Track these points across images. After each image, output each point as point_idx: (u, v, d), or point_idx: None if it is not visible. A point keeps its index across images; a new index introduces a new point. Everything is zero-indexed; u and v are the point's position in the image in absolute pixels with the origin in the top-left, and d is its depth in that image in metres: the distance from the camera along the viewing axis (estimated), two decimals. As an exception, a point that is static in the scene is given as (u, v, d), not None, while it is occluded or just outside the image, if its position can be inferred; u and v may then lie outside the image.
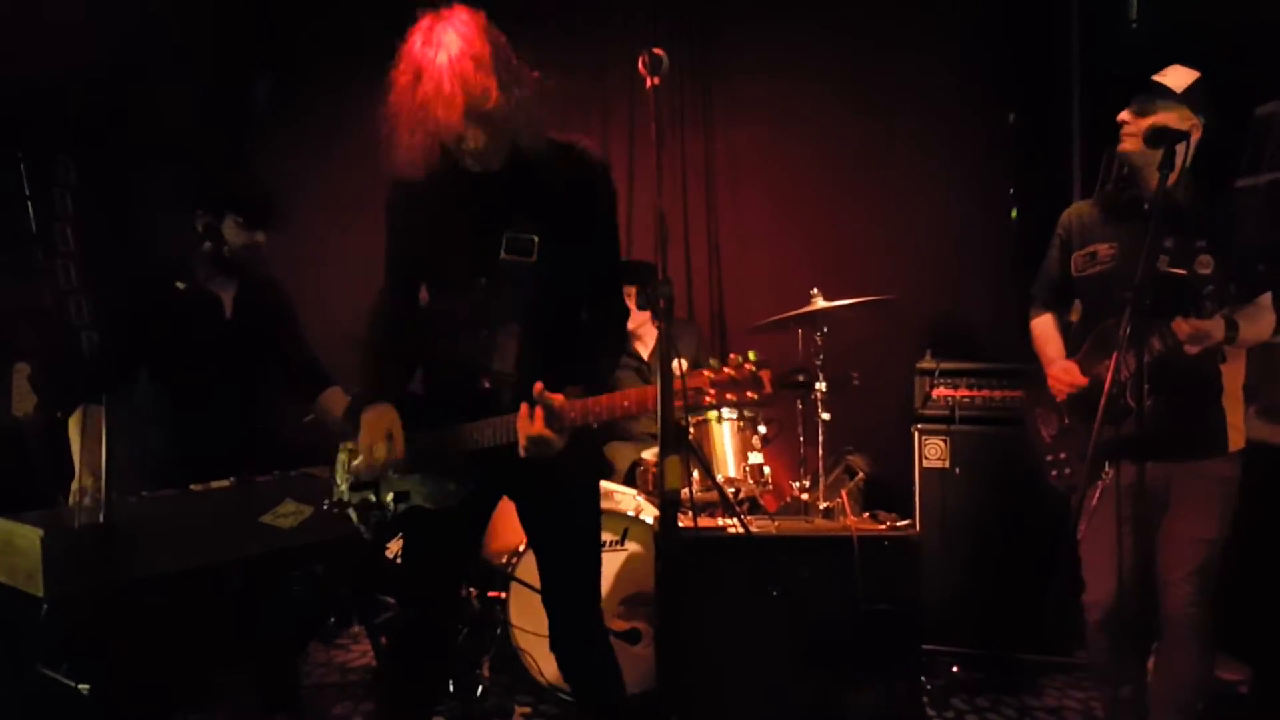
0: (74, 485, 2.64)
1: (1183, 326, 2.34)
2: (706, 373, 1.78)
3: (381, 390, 2.14)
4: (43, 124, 3.95)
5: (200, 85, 4.56)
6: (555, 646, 2.23)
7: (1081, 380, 2.62)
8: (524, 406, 1.88)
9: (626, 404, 1.86)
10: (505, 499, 2.26)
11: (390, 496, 2.14)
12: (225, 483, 2.60)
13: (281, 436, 3.06)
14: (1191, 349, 2.37)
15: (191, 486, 2.56)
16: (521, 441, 1.89)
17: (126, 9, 3.78)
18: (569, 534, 2.20)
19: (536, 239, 2.00)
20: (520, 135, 1.95)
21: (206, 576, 2.46)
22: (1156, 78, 2.51)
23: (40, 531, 2.13)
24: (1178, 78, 2.49)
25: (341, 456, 2.24)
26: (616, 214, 2.14)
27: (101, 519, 2.16)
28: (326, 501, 2.25)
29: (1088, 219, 2.75)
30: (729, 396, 1.77)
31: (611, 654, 2.26)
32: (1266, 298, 2.45)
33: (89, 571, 2.14)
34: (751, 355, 1.77)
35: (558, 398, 1.88)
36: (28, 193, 3.91)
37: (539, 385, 1.86)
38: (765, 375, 1.77)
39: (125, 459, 2.53)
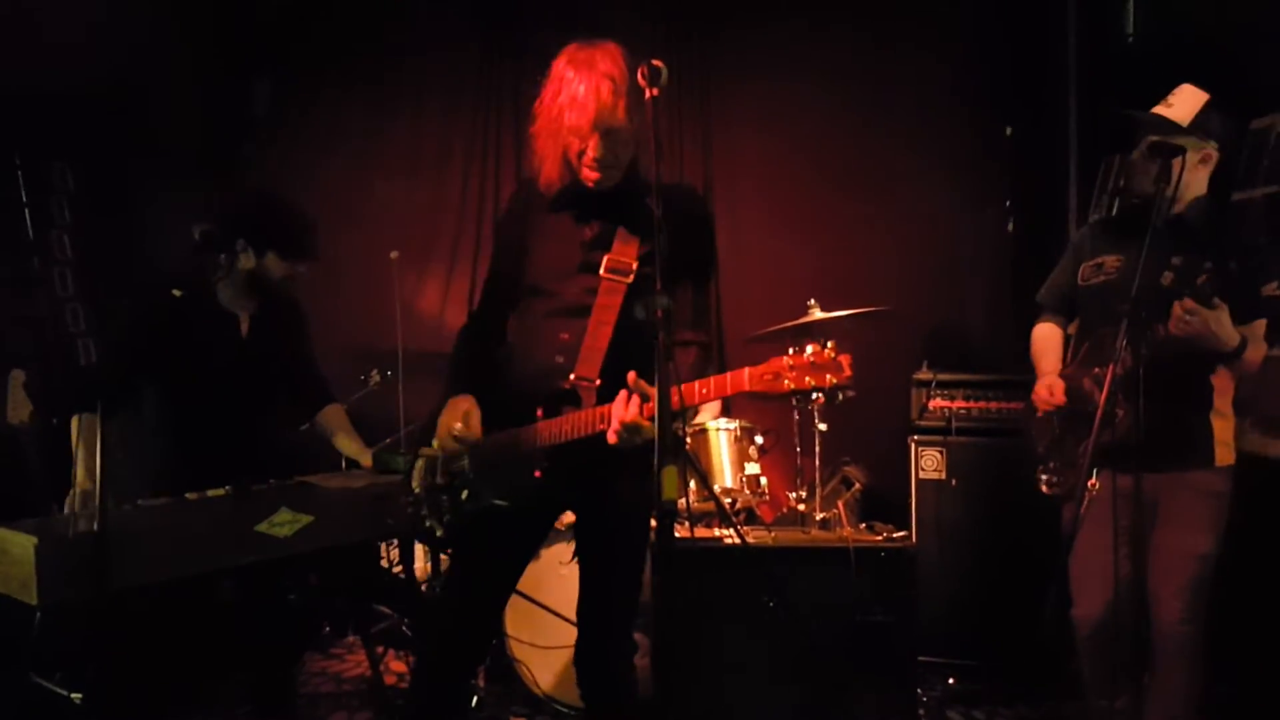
0: (72, 492, 2.63)
1: (1176, 308, 2.32)
2: (785, 358, 1.78)
3: (462, 390, 2.22)
4: (40, 130, 3.95)
5: (200, 88, 4.56)
6: (580, 662, 2.24)
7: (1060, 400, 2.65)
8: (622, 393, 1.93)
9: (705, 391, 1.89)
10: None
11: (465, 495, 2.16)
12: (221, 491, 2.59)
13: (279, 445, 3.05)
14: (1179, 330, 2.34)
15: (187, 495, 2.55)
16: (614, 426, 1.92)
17: (125, 12, 3.78)
18: (622, 553, 2.24)
19: (636, 263, 2.12)
20: (635, 163, 2.12)
21: (202, 585, 2.45)
22: (1165, 108, 2.50)
23: (35, 540, 2.12)
24: (1186, 103, 2.49)
25: (419, 463, 2.27)
26: (714, 251, 2.29)
27: (96, 527, 2.14)
28: (403, 499, 2.29)
29: (1100, 232, 2.79)
30: (808, 380, 1.76)
31: (634, 675, 2.26)
32: (1260, 326, 2.45)
33: (83, 580, 2.12)
34: (830, 344, 1.78)
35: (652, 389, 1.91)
36: (24, 200, 3.91)
37: (633, 374, 1.90)
38: (844, 360, 1.77)
39: (128, 467, 2.52)
